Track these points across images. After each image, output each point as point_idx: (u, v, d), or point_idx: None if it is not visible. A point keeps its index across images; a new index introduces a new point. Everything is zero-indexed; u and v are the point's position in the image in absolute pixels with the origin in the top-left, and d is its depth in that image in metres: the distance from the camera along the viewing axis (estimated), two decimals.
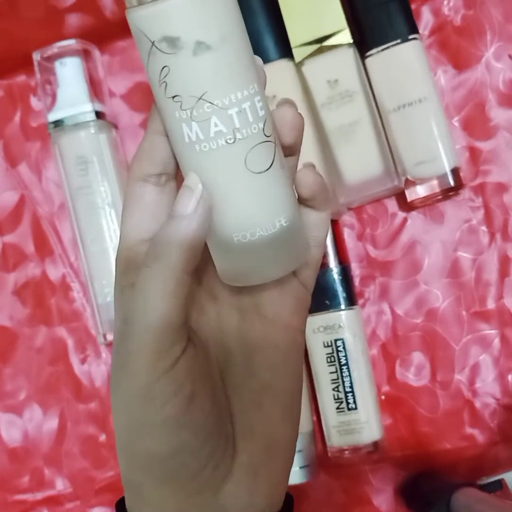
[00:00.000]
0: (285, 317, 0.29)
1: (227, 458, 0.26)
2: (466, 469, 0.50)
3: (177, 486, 0.25)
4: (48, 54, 0.52)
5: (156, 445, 0.25)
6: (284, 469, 0.28)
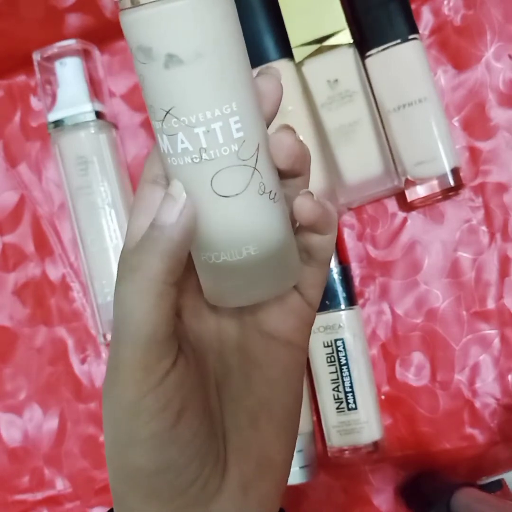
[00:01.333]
0: (287, 334, 0.28)
1: (217, 475, 0.25)
2: (466, 469, 0.50)
3: (163, 502, 0.25)
4: (48, 54, 0.52)
5: (141, 461, 0.24)
6: (276, 489, 0.27)
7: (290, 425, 0.28)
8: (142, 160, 0.54)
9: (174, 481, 0.25)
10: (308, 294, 0.28)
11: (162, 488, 0.25)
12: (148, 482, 0.25)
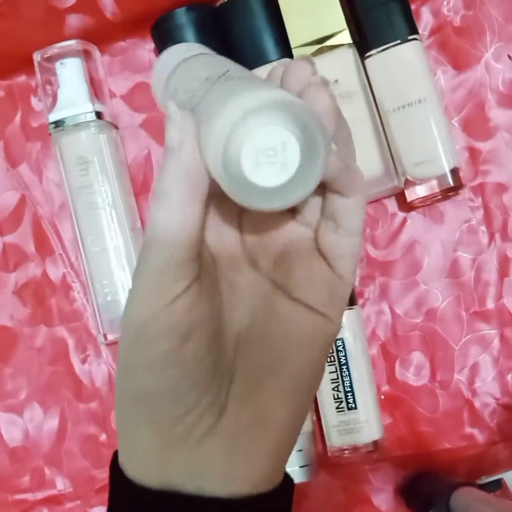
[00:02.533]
0: (317, 305, 0.27)
1: (212, 413, 0.26)
2: (465, 468, 0.50)
3: (158, 428, 0.25)
4: (48, 54, 0.52)
5: (143, 383, 0.25)
6: (267, 453, 0.26)
7: (299, 395, 0.27)
8: (142, 160, 0.55)
9: (173, 405, 0.25)
10: (338, 266, 0.27)
11: (161, 412, 0.25)
12: (148, 404, 0.25)
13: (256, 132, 0.22)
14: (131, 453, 0.26)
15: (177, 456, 0.25)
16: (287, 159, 0.23)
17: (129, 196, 0.53)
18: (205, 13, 0.50)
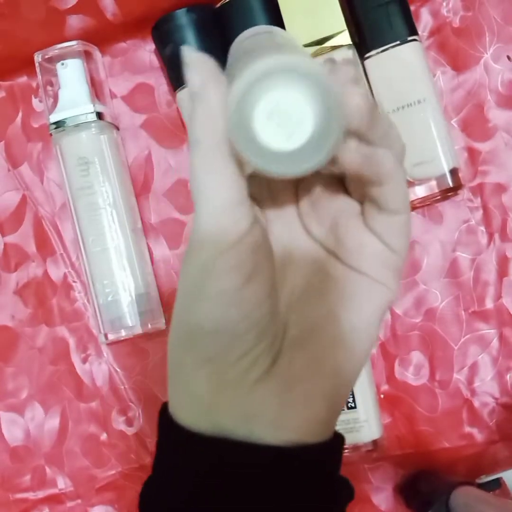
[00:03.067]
0: (371, 274, 0.27)
1: (268, 357, 0.26)
2: (465, 467, 0.51)
3: (214, 369, 0.25)
4: (49, 55, 0.52)
5: (203, 317, 0.25)
6: (322, 398, 0.26)
7: (357, 342, 0.27)
8: (143, 160, 0.55)
9: (229, 346, 0.25)
10: (389, 242, 0.27)
11: (217, 352, 0.25)
12: (205, 343, 0.25)
13: (272, 92, 0.22)
14: (182, 397, 0.26)
15: (230, 400, 0.25)
16: (299, 126, 0.23)
17: (130, 196, 0.53)
18: (206, 14, 0.50)
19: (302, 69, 0.22)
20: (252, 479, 0.25)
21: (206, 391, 0.25)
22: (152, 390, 0.54)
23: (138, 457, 0.54)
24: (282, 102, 0.22)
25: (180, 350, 0.26)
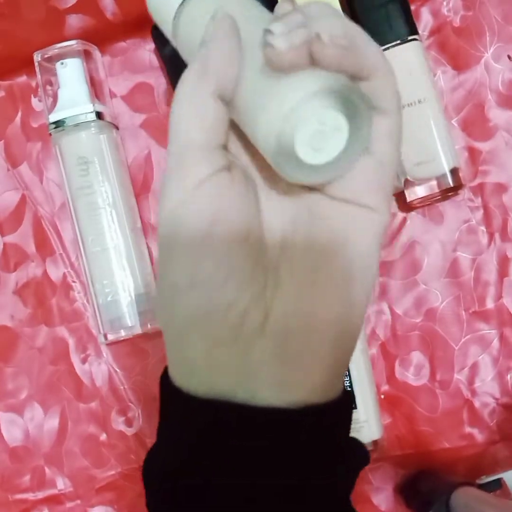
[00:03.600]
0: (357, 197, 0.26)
1: (256, 310, 0.25)
2: (465, 468, 0.51)
3: (204, 331, 0.25)
4: (49, 55, 0.52)
5: (175, 274, 0.25)
6: (324, 354, 0.25)
7: (353, 289, 0.26)
8: (142, 160, 0.55)
9: (211, 300, 0.24)
10: (375, 149, 0.25)
11: (200, 309, 0.25)
12: (185, 301, 0.25)
13: (311, 117, 0.23)
14: (179, 363, 0.26)
15: (226, 361, 0.25)
16: (334, 140, 0.24)
17: (130, 196, 0.53)
18: None
19: (341, 89, 0.23)
20: (256, 444, 0.24)
21: (200, 354, 0.25)
22: (152, 390, 0.54)
23: (138, 458, 0.54)
24: (322, 121, 0.24)
25: (166, 314, 0.26)
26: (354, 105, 0.24)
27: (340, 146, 0.24)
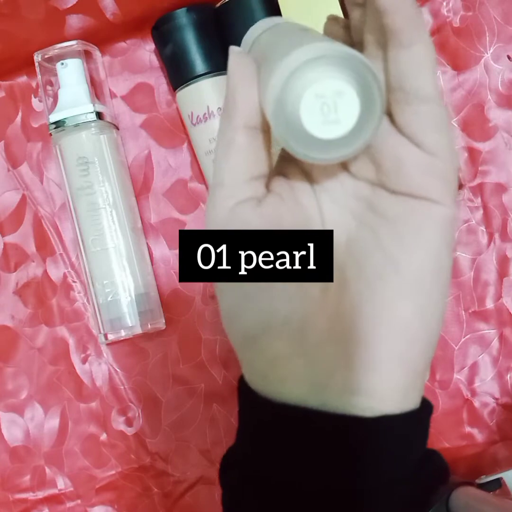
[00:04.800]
0: (417, 191, 0.25)
1: (320, 316, 0.25)
2: (465, 468, 0.51)
3: (264, 345, 0.25)
4: (49, 55, 0.52)
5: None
6: (393, 358, 0.24)
7: (424, 291, 0.24)
8: (143, 160, 0.55)
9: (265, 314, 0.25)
10: (425, 141, 0.24)
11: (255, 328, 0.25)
12: (240, 323, 0.26)
13: (317, 81, 0.22)
14: (250, 373, 0.26)
15: (293, 373, 0.25)
16: (346, 112, 0.23)
17: (130, 196, 0.53)
18: (206, 14, 0.50)
19: (345, 55, 0.22)
20: (323, 451, 0.24)
21: (267, 368, 0.25)
22: (152, 390, 0.54)
23: (138, 457, 0.54)
24: (327, 89, 0.22)
25: (228, 330, 0.26)
26: (366, 80, 0.23)
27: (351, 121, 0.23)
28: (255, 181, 0.26)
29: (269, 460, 0.25)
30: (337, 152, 0.24)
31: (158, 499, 0.53)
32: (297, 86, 0.22)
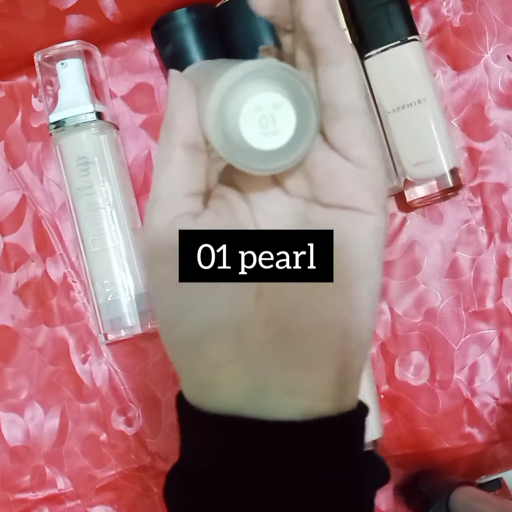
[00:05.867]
0: (347, 202, 0.26)
1: (255, 320, 0.26)
2: (465, 468, 0.51)
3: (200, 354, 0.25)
4: (49, 55, 0.52)
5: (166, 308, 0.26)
6: (330, 360, 0.25)
7: (357, 293, 0.26)
8: (143, 160, 0.55)
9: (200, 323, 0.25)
10: (353, 154, 0.25)
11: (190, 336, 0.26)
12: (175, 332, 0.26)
13: (255, 94, 0.23)
14: (187, 383, 0.27)
15: (231, 379, 0.25)
16: (284, 124, 0.24)
17: (130, 196, 0.53)
18: (205, 14, 0.50)
19: (281, 70, 0.24)
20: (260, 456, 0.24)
21: (203, 376, 0.25)
22: (152, 390, 0.54)
23: (138, 457, 0.54)
24: (265, 102, 0.24)
25: (163, 339, 0.26)
26: (300, 93, 0.24)
27: (288, 132, 0.24)
28: (192, 197, 0.27)
29: (214, 472, 0.25)
30: (276, 162, 0.25)
31: (158, 499, 0.53)
32: (236, 99, 0.24)
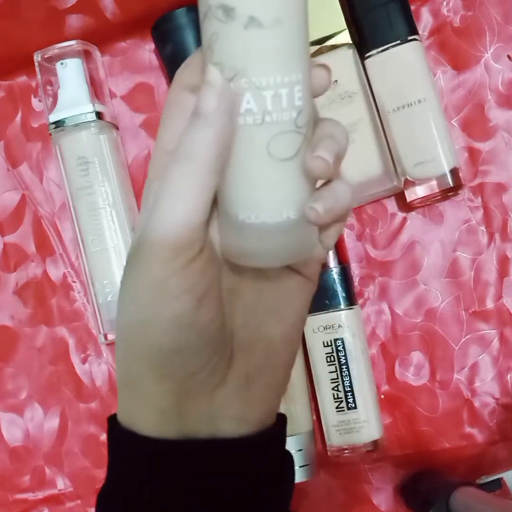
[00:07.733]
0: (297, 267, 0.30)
1: (223, 364, 0.27)
2: (465, 468, 0.51)
3: (174, 383, 0.26)
4: (49, 55, 0.52)
5: (161, 340, 0.25)
6: (276, 388, 0.29)
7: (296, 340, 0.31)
8: (143, 160, 0.55)
9: (188, 362, 0.26)
10: (305, 272, 0.30)
11: (176, 368, 0.26)
12: (164, 362, 0.26)
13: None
14: (143, 410, 0.27)
15: (193, 408, 0.27)
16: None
17: (130, 196, 0.53)
18: None
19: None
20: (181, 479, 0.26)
21: (169, 403, 0.26)
22: None
23: None
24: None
25: (136, 368, 0.26)
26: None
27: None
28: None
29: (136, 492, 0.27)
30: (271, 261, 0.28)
31: None
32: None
